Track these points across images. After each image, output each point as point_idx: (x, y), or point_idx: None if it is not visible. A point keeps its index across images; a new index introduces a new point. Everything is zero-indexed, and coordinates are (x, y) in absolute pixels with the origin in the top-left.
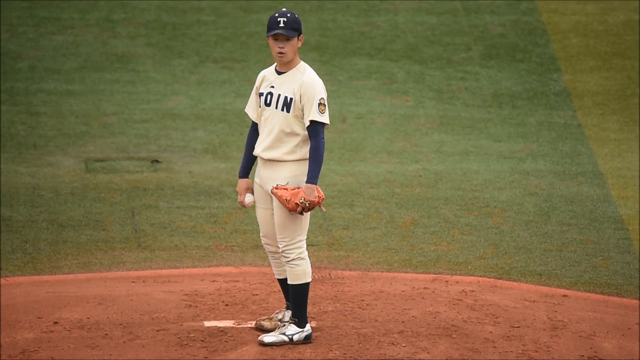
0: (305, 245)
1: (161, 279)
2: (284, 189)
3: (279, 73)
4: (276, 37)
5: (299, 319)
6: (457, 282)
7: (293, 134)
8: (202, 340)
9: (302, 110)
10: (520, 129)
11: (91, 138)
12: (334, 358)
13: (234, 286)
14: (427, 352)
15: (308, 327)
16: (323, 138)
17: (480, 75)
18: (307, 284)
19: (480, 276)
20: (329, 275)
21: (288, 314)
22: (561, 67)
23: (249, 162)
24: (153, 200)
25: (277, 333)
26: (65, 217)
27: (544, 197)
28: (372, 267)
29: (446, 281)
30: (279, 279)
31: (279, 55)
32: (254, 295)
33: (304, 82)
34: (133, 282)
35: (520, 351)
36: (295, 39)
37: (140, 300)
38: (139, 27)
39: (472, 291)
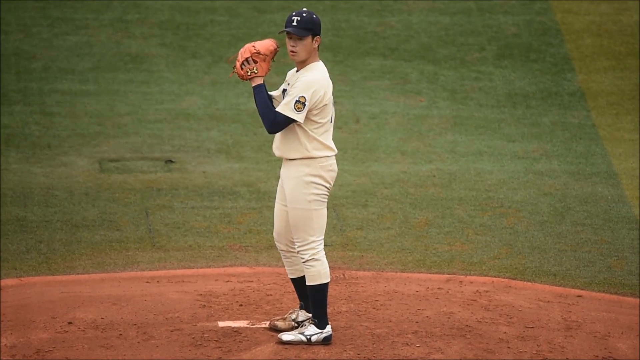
0: (321, 246)
1: (175, 279)
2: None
3: (297, 71)
4: (290, 36)
5: (319, 320)
6: (471, 283)
7: (292, 130)
8: (216, 341)
9: None
10: (534, 129)
11: (105, 138)
12: (347, 358)
13: (248, 286)
14: (441, 353)
15: (328, 328)
16: (282, 124)
17: (494, 75)
18: (323, 285)
19: (495, 276)
20: (343, 275)
21: (302, 313)
22: (575, 67)
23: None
24: (167, 201)
25: (297, 332)
26: (80, 217)
27: (558, 198)
28: (386, 268)
29: (460, 281)
30: (291, 279)
31: (291, 53)
32: (268, 295)
33: (300, 78)
34: (147, 282)
35: (534, 352)
36: (309, 38)
37: (155, 300)
38: (153, 28)
39: (486, 291)
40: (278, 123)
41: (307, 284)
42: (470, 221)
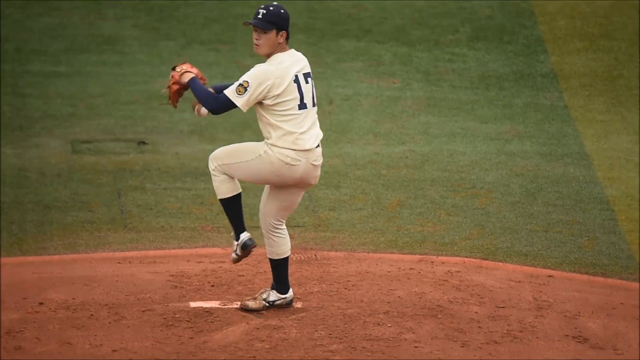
0: (222, 171)
1: (147, 260)
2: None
3: None
4: (255, 29)
5: (235, 229)
6: (443, 263)
7: (260, 117)
8: (187, 321)
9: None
10: (507, 110)
11: (77, 119)
12: (319, 338)
13: (220, 267)
14: (413, 332)
15: (246, 234)
16: (221, 105)
17: (467, 57)
18: (224, 200)
19: (466, 257)
20: (315, 256)
21: (273, 293)
22: (548, 48)
23: None
24: (139, 182)
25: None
26: (51, 199)
27: (530, 178)
28: (358, 248)
29: (432, 262)
30: (269, 259)
31: (255, 46)
32: (240, 276)
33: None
34: (119, 263)
35: (505, 331)
36: (274, 32)
37: (126, 281)
38: (126, 9)
39: (458, 272)
40: (220, 102)
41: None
42: (443, 202)
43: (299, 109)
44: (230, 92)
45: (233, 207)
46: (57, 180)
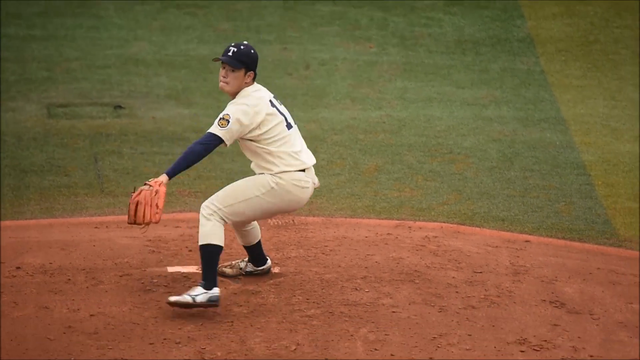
0: (220, 219)
1: (124, 225)
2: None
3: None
4: (223, 65)
5: (206, 281)
6: (420, 228)
7: (255, 153)
8: (165, 286)
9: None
10: (484, 75)
11: (53, 84)
12: (297, 303)
13: (197, 232)
14: (390, 298)
15: (215, 290)
16: (204, 144)
17: (443, 21)
18: (212, 247)
19: (443, 222)
20: (293, 221)
21: (250, 265)
22: (524, 13)
23: None
24: (116, 146)
25: (184, 294)
26: (28, 163)
27: (507, 144)
28: (336, 213)
29: (409, 227)
30: (243, 245)
31: (221, 83)
32: None
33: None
34: (96, 227)
35: (482, 296)
36: (242, 72)
37: (104, 245)
38: None
39: (435, 237)
40: (204, 142)
41: (199, 242)
42: (420, 167)
43: (288, 129)
44: (212, 128)
45: (213, 257)
46: (33, 144)
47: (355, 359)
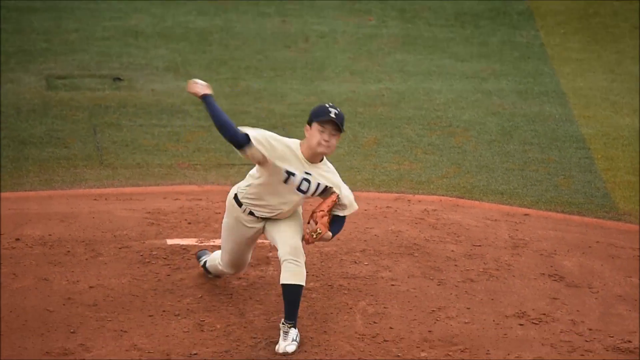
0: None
1: (123, 197)
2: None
3: (310, 162)
4: (330, 129)
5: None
6: (420, 201)
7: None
8: (164, 258)
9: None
10: (483, 48)
11: (52, 55)
12: None
13: (197, 204)
14: (389, 271)
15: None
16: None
17: None
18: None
19: (443, 195)
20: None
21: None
22: None
23: None
24: (115, 118)
25: (292, 340)
26: (27, 135)
27: (506, 117)
28: None
29: (408, 200)
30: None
31: (325, 146)
32: (217, 213)
33: (333, 174)
34: (95, 199)
35: (481, 269)
36: (339, 135)
37: (103, 217)
38: None
39: (434, 210)
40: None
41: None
42: (419, 140)
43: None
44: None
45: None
46: (32, 116)
47: (354, 331)
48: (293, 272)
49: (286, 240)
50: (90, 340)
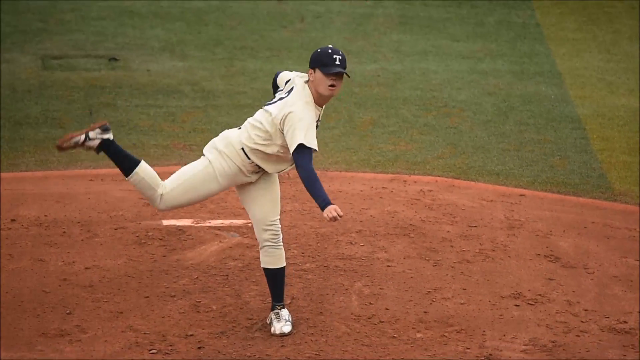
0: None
1: (119, 178)
2: None
3: (319, 106)
4: (336, 77)
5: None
6: (415, 182)
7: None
8: (160, 239)
9: None
10: (479, 28)
11: (48, 35)
12: (292, 257)
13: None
14: (385, 252)
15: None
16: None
17: None
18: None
19: (438, 176)
20: (288, 175)
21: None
22: None
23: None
24: (111, 99)
25: (285, 321)
26: (23, 115)
27: (502, 97)
28: (331, 167)
29: (404, 181)
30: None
31: (333, 91)
32: None
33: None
34: (91, 180)
35: (477, 250)
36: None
37: (99, 198)
38: None
39: (430, 191)
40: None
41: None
42: (415, 121)
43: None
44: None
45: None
46: (28, 96)
47: (350, 312)
48: (274, 257)
49: (265, 216)
50: (86, 321)
